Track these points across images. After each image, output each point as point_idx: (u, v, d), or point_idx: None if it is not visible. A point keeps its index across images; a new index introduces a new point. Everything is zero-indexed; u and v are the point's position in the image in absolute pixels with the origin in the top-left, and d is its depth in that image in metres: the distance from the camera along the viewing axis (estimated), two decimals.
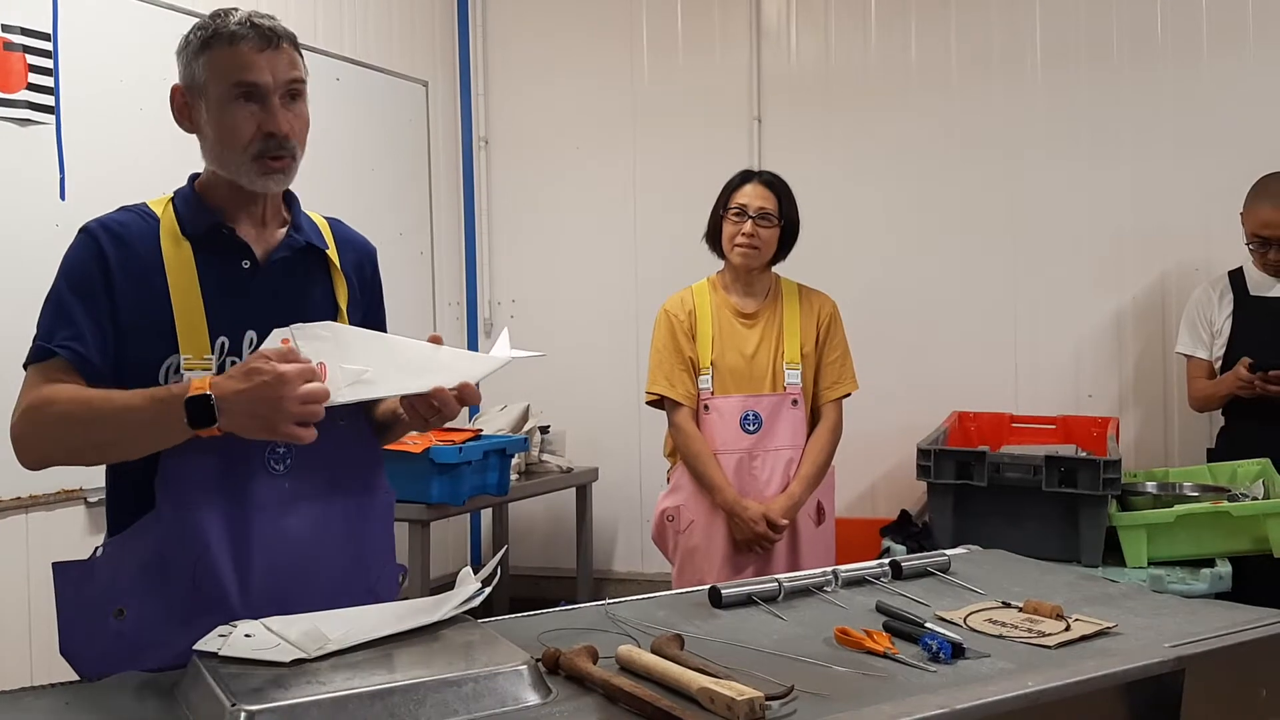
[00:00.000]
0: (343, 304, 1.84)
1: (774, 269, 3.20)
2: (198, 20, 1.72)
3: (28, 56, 3.25)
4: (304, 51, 1.77)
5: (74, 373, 1.63)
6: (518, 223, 5.29)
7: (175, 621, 1.61)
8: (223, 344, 1.70)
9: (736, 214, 3.09)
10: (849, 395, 3.18)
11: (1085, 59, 4.40)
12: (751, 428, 3.07)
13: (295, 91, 1.72)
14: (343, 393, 1.61)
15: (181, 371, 1.66)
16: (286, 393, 1.50)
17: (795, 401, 3.09)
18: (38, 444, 1.63)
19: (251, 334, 1.72)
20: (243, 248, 1.75)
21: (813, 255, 3.33)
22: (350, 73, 4.55)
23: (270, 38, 1.68)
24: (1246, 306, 3.57)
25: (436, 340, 1.74)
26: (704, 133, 4.92)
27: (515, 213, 5.30)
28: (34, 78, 3.27)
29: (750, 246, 3.07)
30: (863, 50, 4.73)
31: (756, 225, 3.06)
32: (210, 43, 1.68)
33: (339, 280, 1.85)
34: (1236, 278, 3.63)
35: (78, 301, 1.65)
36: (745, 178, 3.15)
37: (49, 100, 3.31)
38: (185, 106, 1.74)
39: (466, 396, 1.70)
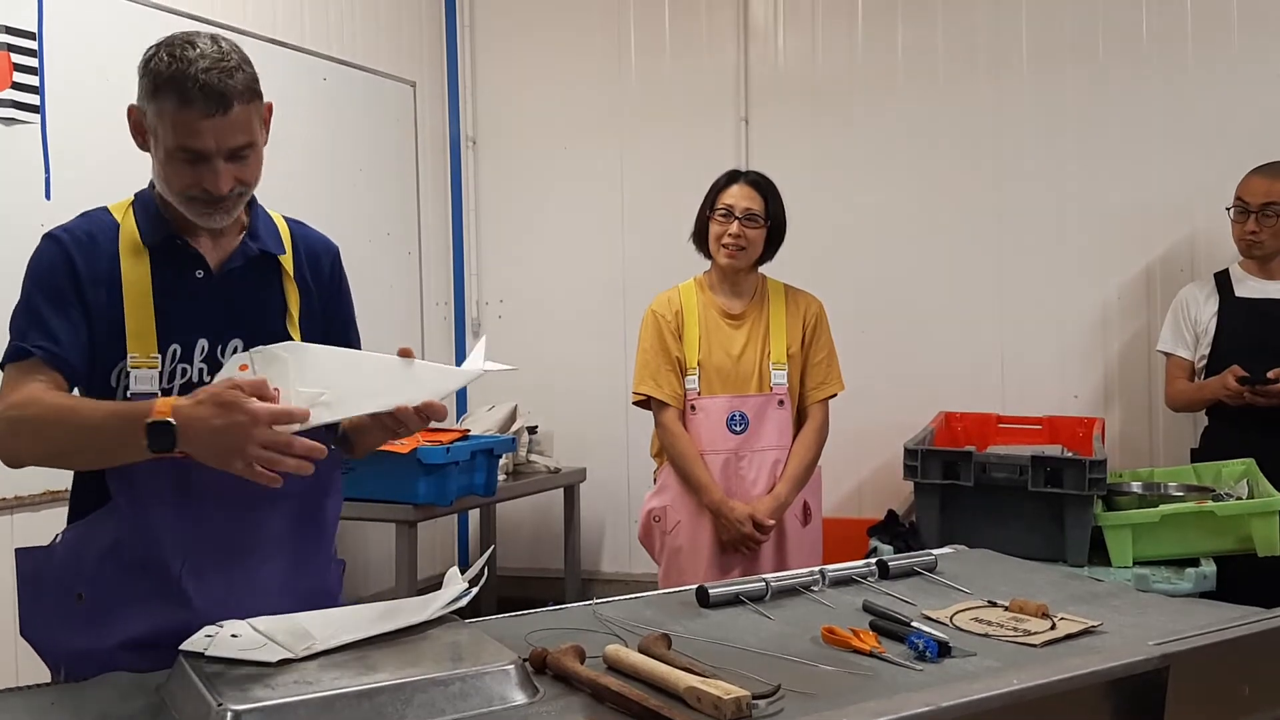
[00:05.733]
0: (294, 311, 1.84)
1: (761, 269, 3.21)
2: (162, 44, 1.66)
3: (12, 55, 3.23)
4: (292, 51, 1.76)
5: (52, 370, 1.65)
6: (505, 223, 5.29)
7: (133, 606, 1.66)
8: (175, 351, 1.72)
9: (723, 214, 3.09)
10: (835, 396, 3.19)
11: (1071, 56, 4.40)
12: (738, 428, 3.07)
13: (242, 155, 1.68)
14: None
15: (129, 371, 1.68)
16: (254, 435, 1.48)
17: (781, 402, 3.10)
18: (12, 445, 1.65)
19: (203, 342, 1.74)
20: (196, 258, 1.76)
21: (800, 255, 3.33)
22: (337, 73, 4.53)
23: (221, 101, 1.61)
24: (1232, 308, 3.57)
25: (406, 353, 1.73)
26: (691, 132, 4.92)
27: (503, 212, 5.29)
28: (19, 76, 3.25)
29: (737, 247, 3.07)
30: (849, 50, 4.73)
31: (743, 226, 3.07)
32: (161, 92, 1.62)
33: (290, 287, 1.85)
34: (1223, 279, 3.64)
35: (51, 307, 1.67)
36: (732, 178, 3.16)
37: (34, 99, 3.29)
38: (139, 129, 1.71)
39: (431, 413, 1.70)
